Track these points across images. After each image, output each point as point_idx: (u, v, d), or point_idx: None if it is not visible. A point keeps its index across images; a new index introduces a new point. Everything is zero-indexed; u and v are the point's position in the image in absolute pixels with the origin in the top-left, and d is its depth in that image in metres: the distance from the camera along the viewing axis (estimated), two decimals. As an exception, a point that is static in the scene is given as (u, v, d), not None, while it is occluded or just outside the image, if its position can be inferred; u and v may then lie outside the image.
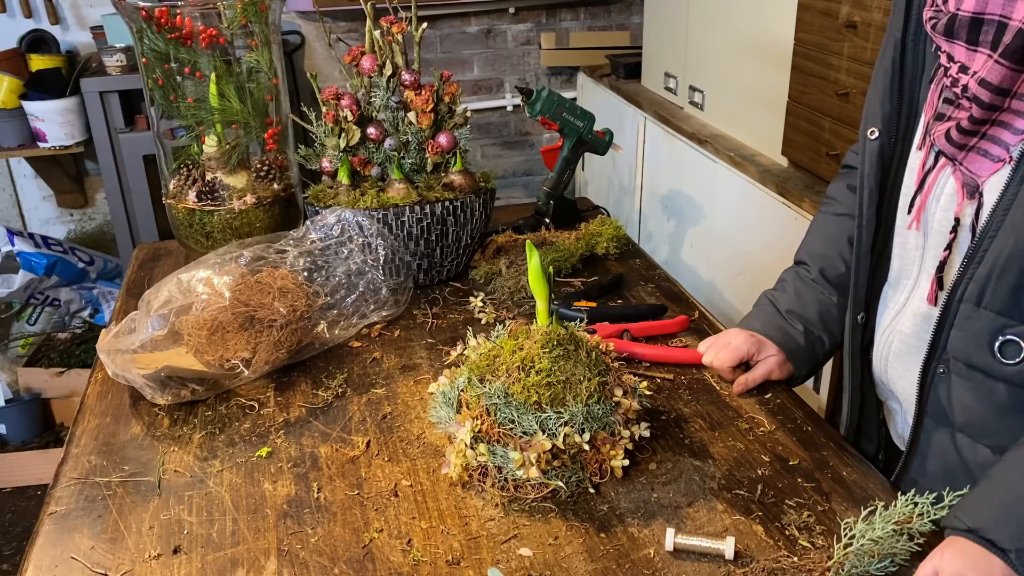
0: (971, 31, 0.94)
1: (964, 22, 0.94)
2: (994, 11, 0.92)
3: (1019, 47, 0.89)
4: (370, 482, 1.08)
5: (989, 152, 0.96)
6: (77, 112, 3.08)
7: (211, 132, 1.63)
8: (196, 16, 1.56)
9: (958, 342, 1.01)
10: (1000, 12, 0.91)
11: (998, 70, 0.91)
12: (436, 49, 3.59)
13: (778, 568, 0.93)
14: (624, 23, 3.71)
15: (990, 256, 0.96)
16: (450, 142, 1.53)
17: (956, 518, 0.91)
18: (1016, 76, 0.91)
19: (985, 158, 0.96)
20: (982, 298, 0.97)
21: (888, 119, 1.09)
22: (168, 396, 1.22)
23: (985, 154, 0.96)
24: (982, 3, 0.93)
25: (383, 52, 1.52)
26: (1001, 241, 0.95)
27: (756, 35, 2.39)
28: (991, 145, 0.96)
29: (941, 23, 0.97)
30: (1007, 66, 0.91)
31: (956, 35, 0.96)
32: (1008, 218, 0.94)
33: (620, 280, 1.61)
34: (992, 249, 0.96)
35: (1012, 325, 0.96)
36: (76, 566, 0.96)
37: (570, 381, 1.04)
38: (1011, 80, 0.92)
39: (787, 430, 1.16)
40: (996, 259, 0.95)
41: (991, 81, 0.92)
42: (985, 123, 0.95)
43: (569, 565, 0.94)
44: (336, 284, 1.42)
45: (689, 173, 2.73)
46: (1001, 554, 0.87)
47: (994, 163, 0.96)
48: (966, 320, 1.00)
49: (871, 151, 1.11)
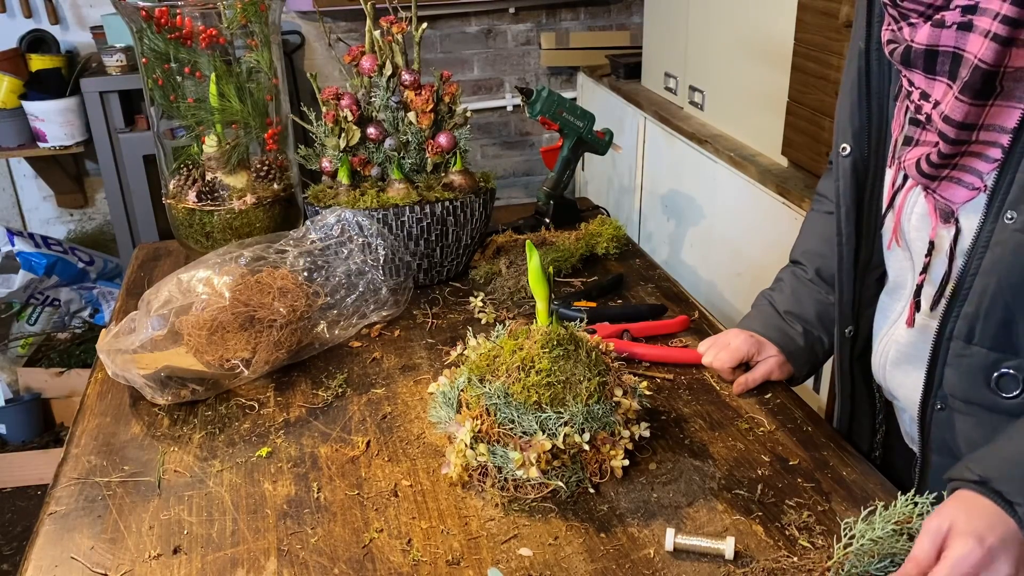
0: (927, 62, 0.93)
1: (919, 53, 0.93)
2: (948, 43, 0.91)
3: (978, 82, 0.88)
4: (370, 482, 1.08)
5: (962, 180, 0.95)
6: (77, 112, 3.07)
7: (211, 132, 1.63)
8: (196, 16, 1.56)
9: (953, 379, 1.01)
10: (954, 44, 0.90)
11: (960, 107, 0.90)
12: (436, 49, 3.59)
13: (778, 568, 0.93)
14: (624, 23, 3.71)
15: (974, 295, 0.95)
16: (450, 142, 1.53)
17: (967, 469, 0.89)
18: (980, 110, 0.90)
19: (959, 186, 0.95)
20: (972, 335, 0.97)
21: (858, 134, 1.08)
22: (168, 396, 1.22)
23: (958, 182, 0.95)
24: (935, 36, 0.91)
25: (383, 52, 1.52)
26: (984, 279, 0.94)
27: (756, 35, 2.39)
28: (963, 174, 0.95)
29: (898, 51, 0.96)
30: (968, 102, 0.90)
31: (913, 64, 0.95)
32: (988, 254, 0.93)
33: (620, 280, 1.61)
34: (976, 286, 0.95)
35: (1006, 359, 0.96)
36: (76, 566, 0.96)
37: (570, 381, 1.04)
38: (975, 115, 0.90)
39: (787, 430, 1.16)
40: (982, 297, 0.95)
41: (954, 118, 0.91)
42: (956, 156, 0.94)
43: (569, 565, 0.94)
44: (336, 284, 1.42)
45: (689, 173, 2.72)
46: (1008, 507, 0.85)
47: (968, 191, 0.95)
48: (958, 358, 0.99)
49: (844, 169, 1.10)
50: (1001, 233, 0.92)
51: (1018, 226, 0.90)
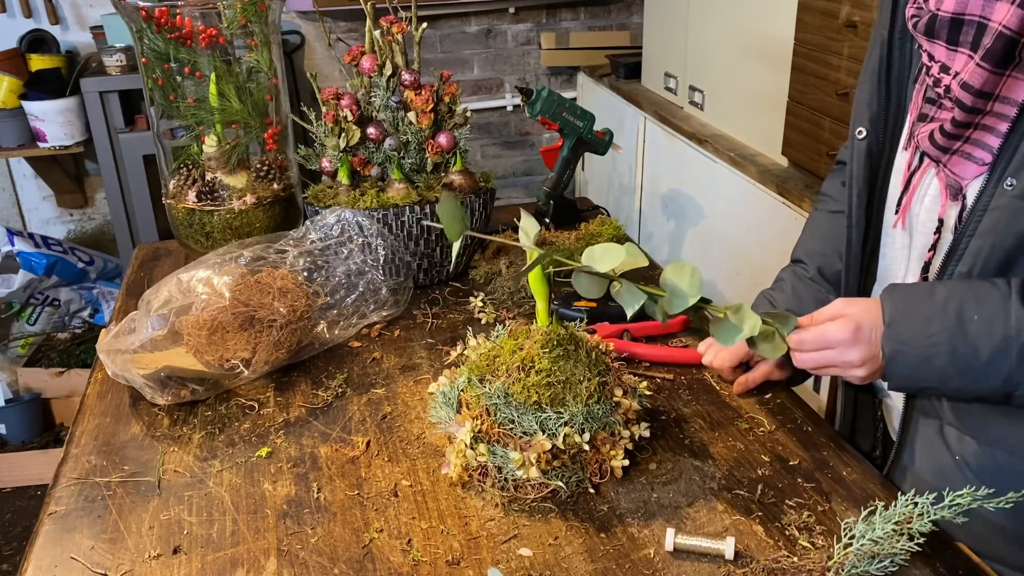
0: (951, 31, 0.94)
1: (944, 22, 0.94)
2: (974, 12, 0.92)
3: (1000, 50, 0.89)
4: (370, 482, 1.08)
5: (972, 155, 0.97)
6: (77, 112, 3.08)
7: (211, 132, 1.63)
8: (196, 16, 1.56)
9: None
10: (980, 13, 0.91)
11: (980, 73, 0.91)
12: (436, 49, 3.59)
13: (778, 568, 0.93)
14: (624, 23, 3.71)
15: (969, 255, 0.97)
16: (450, 142, 1.53)
17: (893, 283, 1.01)
18: (997, 79, 0.91)
19: (969, 161, 0.97)
20: None
21: (875, 118, 1.09)
22: (168, 396, 1.22)
23: (968, 157, 0.97)
24: (962, 3, 0.93)
25: (383, 52, 1.52)
26: (980, 240, 0.96)
27: (756, 35, 2.39)
28: (975, 148, 0.96)
29: (922, 22, 0.97)
30: (988, 69, 0.91)
31: (936, 35, 0.96)
32: (985, 218, 0.95)
33: (620, 280, 1.61)
34: (971, 248, 0.97)
35: None
36: (76, 566, 0.96)
37: (570, 381, 1.04)
38: (992, 83, 0.92)
39: (787, 430, 1.16)
40: (976, 258, 0.97)
41: (972, 84, 0.92)
42: (968, 127, 0.96)
43: (569, 565, 0.94)
44: (336, 284, 1.42)
45: (689, 173, 2.73)
46: (882, 317, 0.97)
47: (978, 167, 0.96)
48: None
49: (859, 151, 1.11)
50: (1000, 199, 0.94)
51: (1017, 192, 0.92)
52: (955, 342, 0.93)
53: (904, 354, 0.96)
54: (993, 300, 0.92)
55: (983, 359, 0.92)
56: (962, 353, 0.93)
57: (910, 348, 0.95)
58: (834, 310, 1.02)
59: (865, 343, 0.99)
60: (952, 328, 0.93)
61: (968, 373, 0.93)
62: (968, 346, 0.92)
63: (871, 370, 1.00)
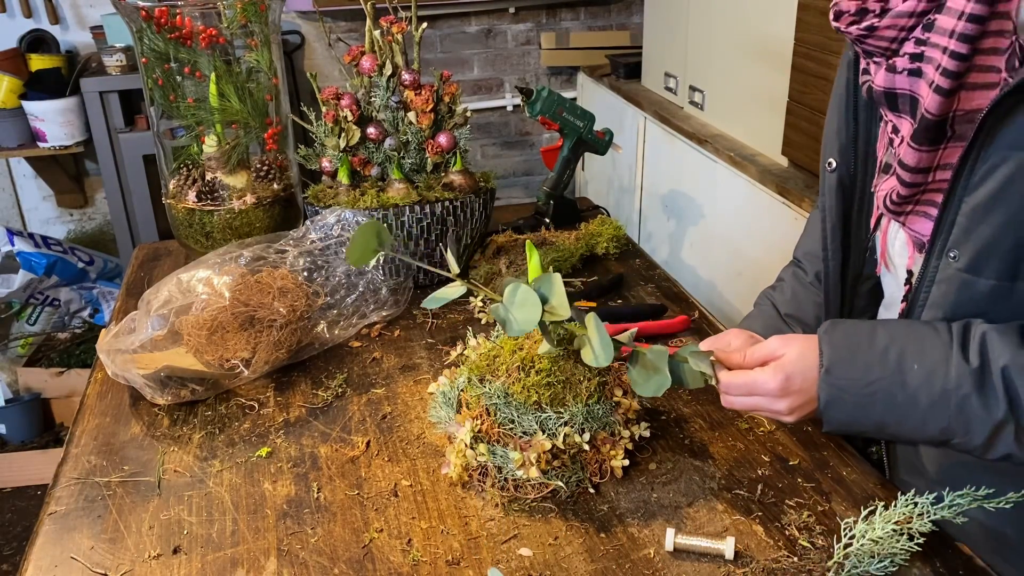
0: (889, 102, 0.95)
1: (880, 94, 0.95)
2: (903, 87, 0.92)
3: (927, 130, 0.89)
4: (370, 482, 1.08)
5: (927, 213, 0.96)
6: (77, 112, 3.07)
7: (211, 132, 1.63)
8: (196, 16, 1.56)
9: None
10: (908, 88, 0.92)
11: (912, 153, 0.91)
12: (436, 49, 3.59)
13: (778, 568, 0.93)
14: (624, 23, 3.71)
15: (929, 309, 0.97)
16: (450, 142, 1.53)
17: (827, 322, 0.97)
18: (933, 155, 0.91)
19: (924, 218, 0.96)
20: None
21: (845, 149, 1.07)
22: (168, 396, 1.22)
23: (924, 215, 0.96)
24: (890, 80, 0.93)
25: (383, 52, 1.52)
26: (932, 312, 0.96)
27: (756, 35, 2.39)
28: (929, 207, 0.96)
29: (864, 88, 0.98)
30: (920, 149, 0.91)
31: (878, 103, 0.97)
32: (934, 290, 0.95)
33: (620, 280, 1.61)
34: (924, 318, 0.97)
35: None
36: (76, 566, 0.96)
37: (570, 381, 1.04)
38: (928, 160, 0.91)
39: (787, 430, 1.16)
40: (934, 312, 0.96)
41: (908, 163, 0.92)
42: (915, 195, 0.95)
43: (569, 565, 0.94)
44: (336, 284, 1.42)
45: (689, 173, 2.72)
46: (820, 362, 0.94)
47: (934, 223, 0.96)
48: None
49: (830, 184, 1.09)
50: (945, 271, 0.93)
51: (960, 265, 0.91)
52: (894, 391, 0.91)
53: (841, 401, 0.93)
54: (935, 350, 0.90)
55: (921, 409, 0.90)
56: (900, 403, 0.91)
57: (847, 395, 0.93)
58: (767, 352, 0.98)
59: (795, 394, 0.96)
60: (891, 376, 0.91)
61: (906, 423, 0.91)
62: (907, 396, 0.90)
63: (800, 415, 0.97)
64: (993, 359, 0.87)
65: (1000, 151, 0.85)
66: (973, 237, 0.89)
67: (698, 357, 1.01)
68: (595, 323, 0.99)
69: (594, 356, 0.98)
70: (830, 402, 0.93)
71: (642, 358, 1.01)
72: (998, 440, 0.88)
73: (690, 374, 1.02)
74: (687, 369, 1.02)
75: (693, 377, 1.02)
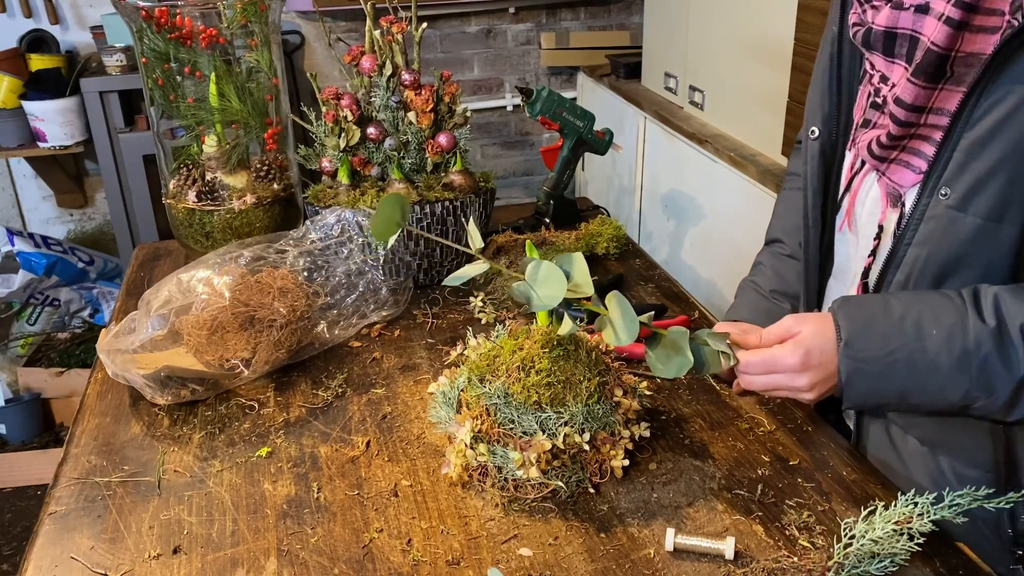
0: (886, 44, 0.95)
1: (879, 35, 0.96)
2: (905, 26, 0.93)
3: (929, 65, 0.90)
4: (370, 482, 1.08)
5: (910, 163, 0.97)
6: (77, 112, 3.08)
7: (211, 132, 1.63)
8: (196, 16, 1.56)
9: None
10: (911, 27, 0.92)
11: (911, 89, 0.92)
12: (436, 49, 3.59)
13: (778, 568, 0.93)
14: (624, 23, 3.71)
15: (906, 263, 0.98)
16: (450, 142, 1.53)
17: (838, 297, 0.98)
18: (930, 93, 0.92)
19: (907, 169, 0.97)
20: None
21: (827, 118, 1.09)
22: (168, 396, 1.22)
23: (906, 165, 0.97)
24: (893, 18, 0.94)
25: (383, 52, 1.52)
26: (917, 249, 0.96)
27: (756, 35, 2.39)
28: (911, 156, 0.97)
29: (860, 34, 0.99)
30: (919, 85, 0.92)
31: (873, 46, 0.97)
32: (921, 227, 0.96)
33: (620, 280, 1.61)
34: (908, 256, 0.97)
35: None
36: (76, 566, 0.96)
37: (570, 381, 1.04)
38: (925, 98, 0.92)
39: (787, 430, 1.16)
40: (912, 267, 0.97)
41: (905, 99, 0.93)
42: (903, 138, 0.96)
43: (569, 565, 0.94)
44: (336, 284, 1.42)
45: (689, 173, 2.73)
46: (837, 336, 0.94)
47: (915, 174, 0.97)
48: None
49: (813, 152, 1.11)
50: (935, 208, 0.94)
51: (951, 202, 0.92)
52: (915, 357, 0.91)
53: (862, 372, 0.93)
54: (950, 314, 0.91)
55: (943, 373, 0.90)
56: (922, 369, 0.91)
57: (868, 366, 0.93)
58: (783, 329, 0.99)
59: (814, 368, 0.97)
60: (911, 343, 0.91)
61: (928, 389, 0.92)
62: (928, 361, 0.91)
63: (820, 392, 0.98)
64: (1009, 318, 0.88)
65: (1004, 86, 0.87)
66: (967, 173, 0.91)
67: (716, 338, 1.01)
68: (619, 301, 0.98)
69: (616, 336, 0.97)
70: (851, 374, 0.94)
71: (663, 339, 1.00)
72: (1021, 397, 0.89)
73: (711, 355, 1.02)
74: (708, 351, 1.01)
75: (713, 358, 1.02)
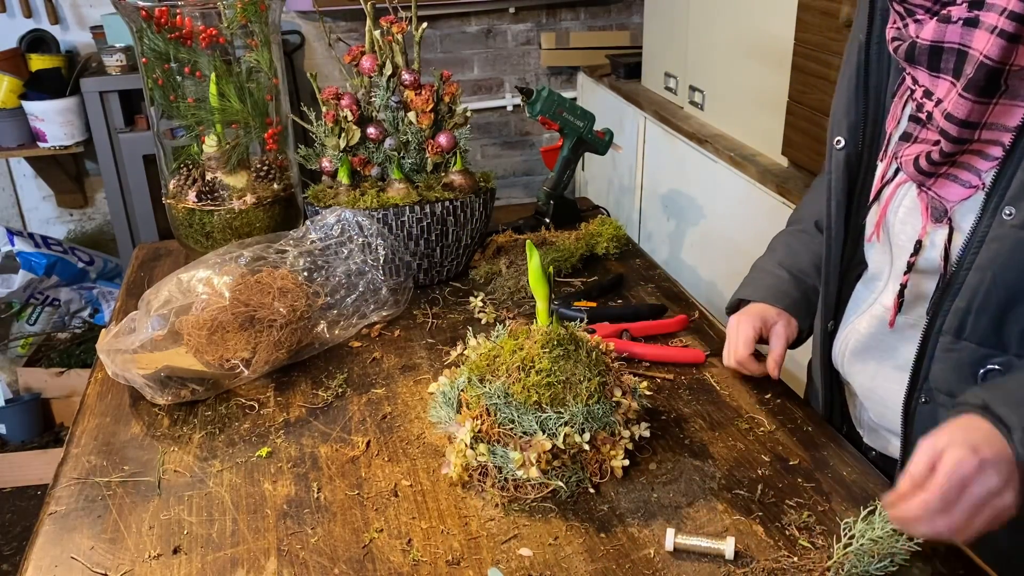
0: (931, 59, 0.93)
1: (924, 49, 0.93)
2: (953, 39, 0.90)
3: (982, 79, 0.87)
4: (370, 482, 1.08)
5: (959, 177, 0.94)
6: (77, 112, 3.07)
7: (211, 132, 1.63)
8: (196, 16, 1.56)
9: (939, 374, 1.00)
10: (959, 41, 0.89)
11: (963, 104, 0.89)
12: (436, 49, 3.59)
13: (778, 568, 0.93)
14: (624, 23, 3.71)
15: (967, 289, 0.94)
16: (450, 142, 1.53)
17: (972, 395, 0.88)
18: (984, 109, 0.89)
19: (955, 183, 0.95)
20: (962, 331, 0.96)
21: (853, 128, 1.07)
22: (168, 396, 1.22)
23: (955, 179, 0.95)
24: (940, 32, 0.91)
25: (383, 52, 1.52)
26: (978, 274, 0.93)
27: (756, 35, 2.39)
28: (962, 171, 0.94)
29: (902, 48, 0.96)
30: (972, 100, 0.89)
31: (917, 61, 0.94)
32: (983, 250, 0.92)
33: (620, 280, 1.61)
34: (969, 281, 0.94)
35: (994, 355, 0.95)
36: (76, 566, 0.96)
37: (570, 381, 1.04)
38: (978, 113, 0.89)
39: (787, 430, 1.16)
40: (975, 292, 0.94)
41: (956, 115, 0.90)
42: (956, 154, 0.93)
43: (569, 565, 0.94)
44: (336, 284, 1.42)
45: (689, 173, 2.72)
46: (1005, 430, 0.84)
47: (964, 189, 0.94)
48: (946, 353, 0.99)
49: (838, 161, 1.09)
50: (999, 228, 0.91)
51: (1016, 222, 0.89)
52: None
53: None
54: None
55: None
56: None
57: None
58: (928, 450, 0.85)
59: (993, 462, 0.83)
60: None
61: None
62: None
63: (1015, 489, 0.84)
64: None
65: None
66: None
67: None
68: None
69: None
70: None
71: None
72: None
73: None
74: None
75: None
